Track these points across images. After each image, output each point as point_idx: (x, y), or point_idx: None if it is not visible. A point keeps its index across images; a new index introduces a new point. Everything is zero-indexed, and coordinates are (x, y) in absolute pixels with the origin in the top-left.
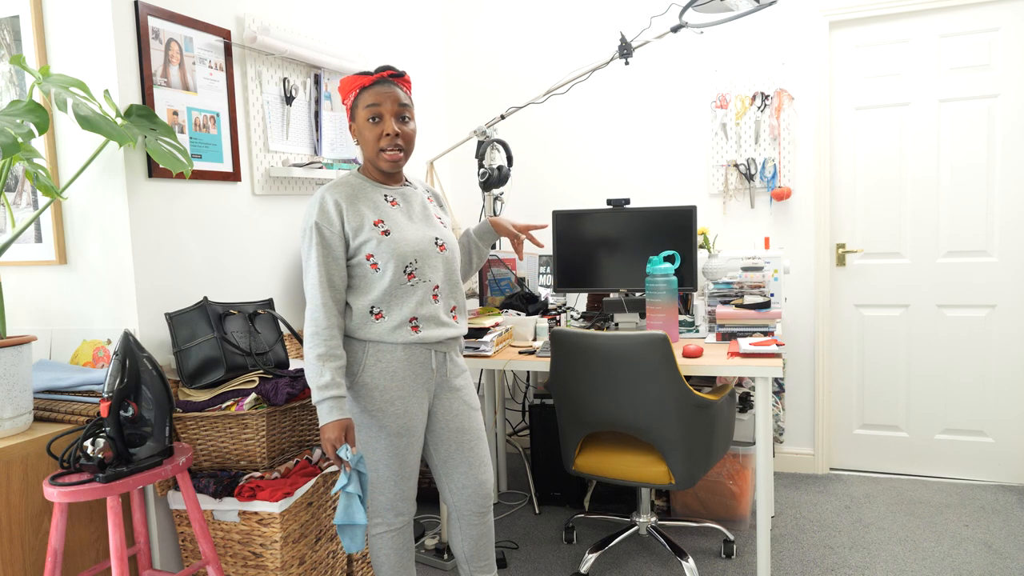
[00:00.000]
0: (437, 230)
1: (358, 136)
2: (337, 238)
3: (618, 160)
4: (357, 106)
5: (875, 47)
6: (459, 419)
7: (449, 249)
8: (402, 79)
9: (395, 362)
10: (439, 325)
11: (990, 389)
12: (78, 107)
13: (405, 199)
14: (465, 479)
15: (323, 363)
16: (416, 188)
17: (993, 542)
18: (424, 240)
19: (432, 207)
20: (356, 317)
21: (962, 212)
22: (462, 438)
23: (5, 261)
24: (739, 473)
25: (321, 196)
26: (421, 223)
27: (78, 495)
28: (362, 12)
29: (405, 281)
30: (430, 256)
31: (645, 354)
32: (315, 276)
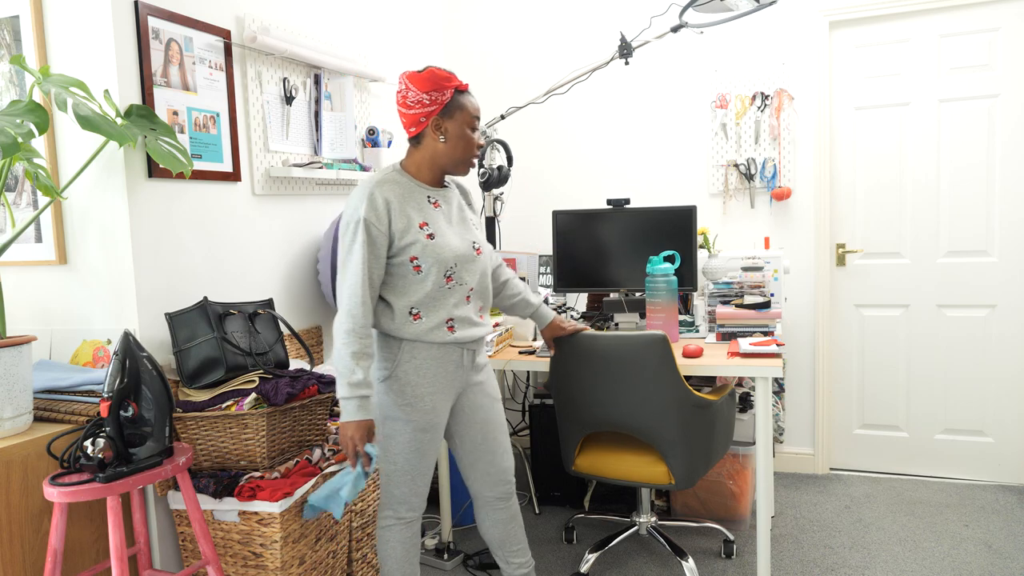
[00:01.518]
0: (473, 234)
1: (447, 136)
2: (383, 236)
3: (618, 160)
4: (457, 108)
5: (875, 47)
6: (483, 411)
7: (484, 252)
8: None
9: (428, 360)
10: (471, 325)
11: (990, 389)
12: (78, 107)
13: (445, 200)
14: (488, 467)
15: (357, 361)
16: (453, 189)
17: (993, 542)
18: (463, 245)
19: (466, 209)
20: (396, 317)
21: (962, 212)
22: (486, 429)
23: (5, 261)
24: (739, 473)
25: (371, 192)
26: (459, 227)
27: (78, 495)
28: (362, 12)
29: (444, 284)
30: (468, 261)
31: (645, 354)
32: (358, 272)
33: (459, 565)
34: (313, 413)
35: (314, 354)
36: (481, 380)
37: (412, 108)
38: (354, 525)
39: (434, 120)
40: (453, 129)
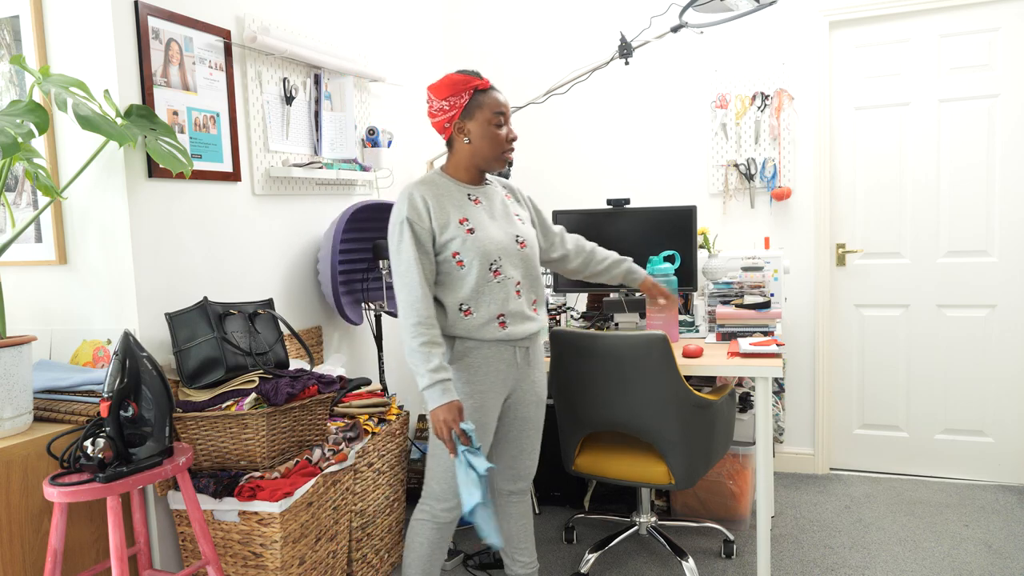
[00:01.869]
0: (517, 227)
1: (472, 136)
2: (427, 233)
3: (618, 160)
4: (477, 107)
5: (875, 47)
6: (526, 409)
7: (530, 246)
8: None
9: (480, 358)
10: (524, 320)
11: (990, 389)
12: (78, 107)
13: (487, 197)
14: (512, 462)
15: (429, 349)
16: (495, 186)
17: (993, 542)
18: (506, 238)
19: (511, 204)
20: (449, 314)
21: (962, 212)
22: (521, 427)
23: (5, 261)
24: (739, 473)
25: (409, 192)
26: (503, 221)
27: (78, 495)
28: (362, 12)
29: (491, 278)
30: (512, 254)
31: (645, 354)
32: (412, 268)
33: (459, 565)
34: (313, 413)
35: (314, 354)
36: (535, 379)
37: (436, 116)
38: (354, 525)
39: (456, 124)
40: (475, 129)
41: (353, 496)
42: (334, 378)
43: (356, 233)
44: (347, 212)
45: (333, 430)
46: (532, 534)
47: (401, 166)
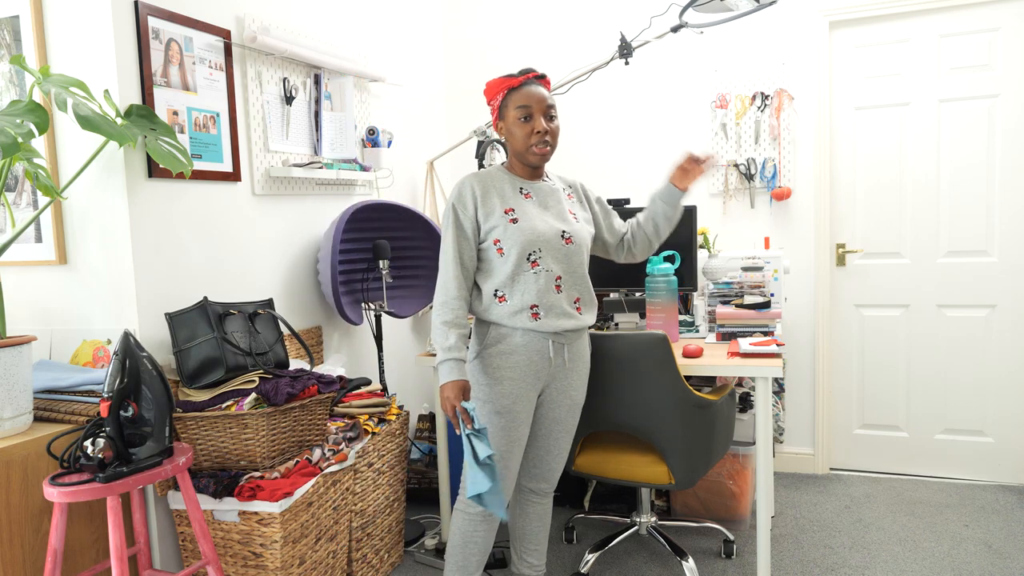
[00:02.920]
0: (567, 224)
1: (506, 134)
2: (470, 221)
3: (618, 160)
4: (506, 106)
5: (875, 47)
6: (559, 410)
7: (576, 243)
8: (544, 80)
9: (512, 345)
10: (560, 315)
11: (990, 389)
12: (78, 107)
13: (540, 193)
14: (537, 461)
15: (449, 328)
16: (555, 184)
17: (993, 542)
18: (550, 231)
19: (569, 202)
20: (484, 299)
21: (962, 212)
22: (553, 428)
23: (5, 261)
24: (739, 473)
25: (462, 182)
26: (552, 215)
27: (78, 495)
28: (362, 12)
29: (528, 268)
30: (554, 247)
31: (645, 354)
32: (449, 252)
33: None
34: (313, 413)
35: (314, 354)
36: (572, 380)
37: (492, 117)
38: (354, 525)
39: (497, 124)
40: (508, 127)
41: (353, 496)
42: (334, 378)
43: (356, 233)
44: (347, 212)
45: (333, 430)
46: (546, 538)
47: (401, 166)
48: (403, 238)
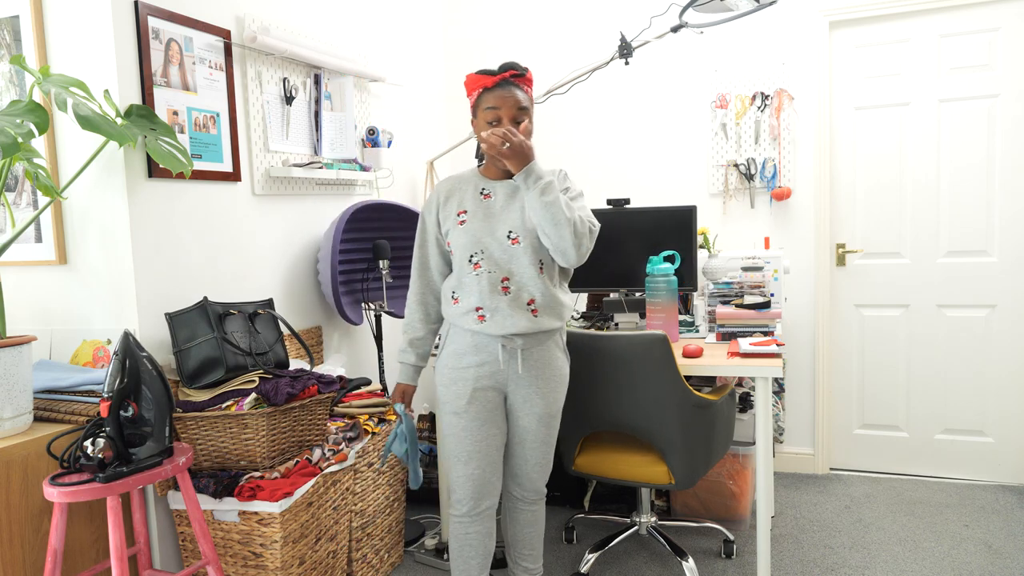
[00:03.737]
0: (516, 223)
1: (477, 134)
2: (433, 224)
3: (618, 160)
4: (479, 105)
5: (875, 47)
6: (526, 419)
7: (523, 243)
8: (523, 78)
9: (463, 346)
10: (507, 317)
11: (990, 389)
12: (78, 107)
13: (504, 193)
14: (516, 469)
15: (403, 333)
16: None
17: (993, 542)
18: (494, 232)
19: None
20: (444, 300)
21: (962, 212)
22: (524, 436)
23: (5, 261)
24: (739, 473)
25: (436, 187)
26: (505, 216)
27: (78, 495)
28: (362, 12)
29: (471, 270)
30: (498, 248)
31: (645, 354)
32: (416, 256)
33: None
34: (313, 413)
35: (314, 354)
36: (536, 388)
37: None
38: (354, 525)
39: (473, 121)
40: (478, 128)
41: (353, 496)
42: (334, 378)
43: (356, 233)
44: (347, 212)
45: (333, 430)
46: (539, 543)
47: (401, 166)
48: (403, 238)
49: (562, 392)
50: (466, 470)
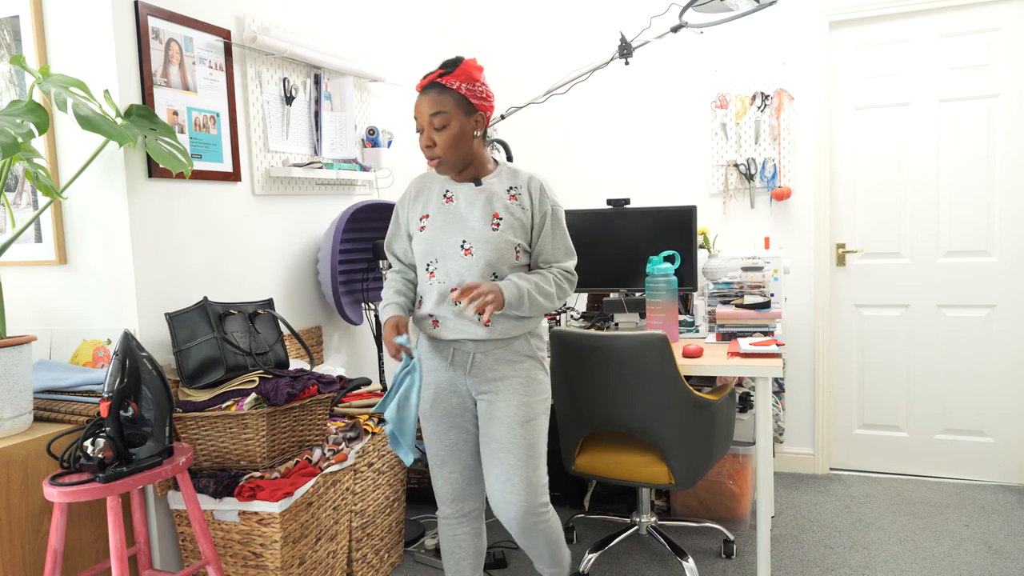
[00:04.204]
0: (474, 231)
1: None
2: (404, 218)
3: (618, 160)
4: None
5: (875, 47)
6: (489, 424)
7: (476, 254)
8: (452, 75)
9: (425, 349)
10: (457, 325)
11: (990, 389)
12: (78, 107)
13: (466, 197)
14: (492, 486)
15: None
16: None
17: (993, 542)
18: (448, 242)
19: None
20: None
21: (962, 212)
22: (491, 444)
23: (5, 261)
24: (739, 473)
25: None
26: (461, 223)
27: (78, 495)
28: (362, 12)
29: (427, 278)
30: (449, 258)
31: (645, 354)
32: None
33: None
34: (313, 413)
35: (314, 354)
36: (498, 392)
37: None
38: (354, 525)
39: None
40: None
41: (353, 496)
42: (334, 378)
43: (356, 233)
44: (347, 212)
45: (333, 430)
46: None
47: (401, 166)
48: None
49: (535, 398)
50: (441, 473)
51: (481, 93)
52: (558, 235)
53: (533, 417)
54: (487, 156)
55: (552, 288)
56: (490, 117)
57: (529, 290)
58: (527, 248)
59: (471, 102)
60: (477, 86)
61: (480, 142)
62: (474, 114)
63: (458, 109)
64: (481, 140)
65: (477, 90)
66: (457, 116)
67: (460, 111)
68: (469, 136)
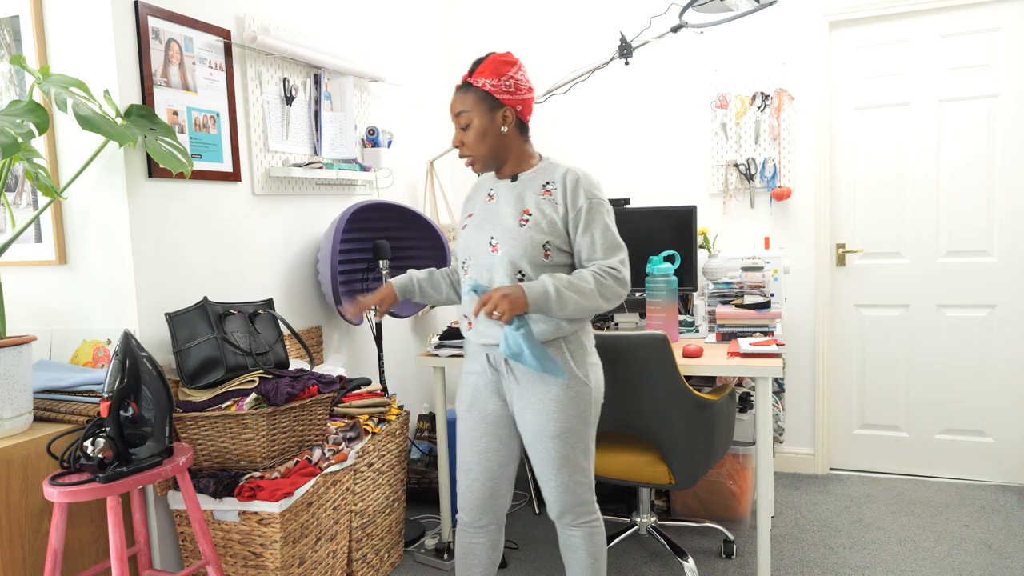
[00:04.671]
0: (504, 229)
1: None
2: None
3: (618, 160)
4: None
5: (875, 47)
6: (528, 433)
7: (504, 250)
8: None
9: (466, 350)
10: (488, 326)
11: (990, 389)
12: (78, 107)
13: (504, 194)
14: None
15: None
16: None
17: (993, 542)
18: (480, 239)
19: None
20: None
21: (962, 212)
22: (531, 452)
23: (5, 261)
24: (739, 473)
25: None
26: (495, 221)
27: (78, 495)
28: (362, 12)
29: (464, 277)
30: (480, 256)
31: (645, 354)
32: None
33: None
34: (313, 413)
35: (314, 354)
36: (528, 402)
37: None
38: (354, 525)
39: None
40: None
41: (353, 496)
42: (334, 378)
43: (356, 233)
44: (347, 212)
45: (333, 430)
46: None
47: (401, 166)
48: (403, 238)
49: (568, 413)
50: (465, 479)
51: (509, 87)
52: (597, 230)
53: (562, 432)
54: (529, 151)
55: (590, 285)
56: (524, 110)
57: (559, 287)
58: (561, 246)
59: (496, 98)
60: (503, 80)
61: (514, 136)
62: (500, 109)
63: (480, 106)
64: (516, 134)
65: (504, 84)
66: (479, 113)
67: (483, 108)
68: (495, 132)
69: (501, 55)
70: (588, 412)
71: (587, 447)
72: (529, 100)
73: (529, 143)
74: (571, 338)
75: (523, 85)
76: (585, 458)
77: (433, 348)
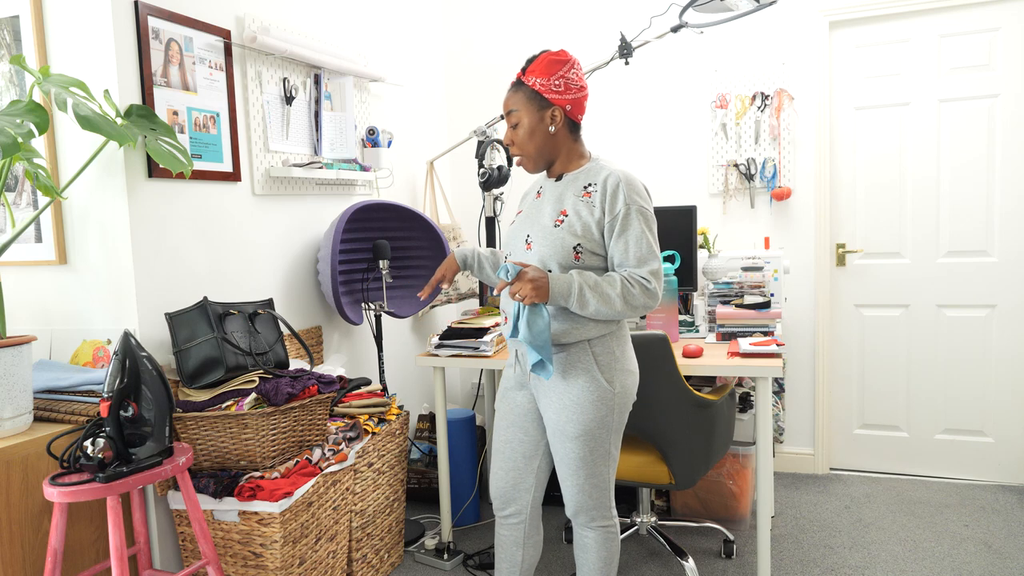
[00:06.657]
0: (540, 227)
1: None
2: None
3: (618, 160)
4: None
5: (875, 47)
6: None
7: (536, 248)
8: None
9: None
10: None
11: (990, 389)
12: (78, 107)
13: (551, 192)
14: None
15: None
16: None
17: (993, 542)
18: (518, 236)
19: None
20: None
21: (962, 212)
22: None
23: (5, 261)
24: (739, 473)
25: None
26: (535, 218)
27: (78, 495)
28: (362, 12)
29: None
30: (516, 252)
31: (645, 354)
32: None
33: (459, 565)
34: (313, 413)
35: (314, 354)
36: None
37: None
38: (354, 525)
39: None
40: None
41: (353, 496)
42: (334, 378)
43: (356, 233)
44: (347, 212)
45: (333, 430)
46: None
47: (401, 166)
48: (403, 238)
49: (587, 416)
50: (493, 467)
51: (558, 86)
52: (631, 238)
53: (581, 435)
54: (579, 151)
55: (614, 290)
56: (575, 109)
57: (582, 284)
58: (594, 250)
59: (544, 97)
60: (553, 79)
61: (564, 136)
62: (548, 108)
63: (529, 105)
64: (566, 134)
65: (553, 83)
66: (527, 112)
67: (531, 107)
68: (543, 131)
69: (554, 53)
70: (610, 417)
71: (607, 452)
72: (580, 99)
73: (580, 143)
74: (597, 342)
75: (574, 84)
76: (604, 463)
77: (433, 348)
